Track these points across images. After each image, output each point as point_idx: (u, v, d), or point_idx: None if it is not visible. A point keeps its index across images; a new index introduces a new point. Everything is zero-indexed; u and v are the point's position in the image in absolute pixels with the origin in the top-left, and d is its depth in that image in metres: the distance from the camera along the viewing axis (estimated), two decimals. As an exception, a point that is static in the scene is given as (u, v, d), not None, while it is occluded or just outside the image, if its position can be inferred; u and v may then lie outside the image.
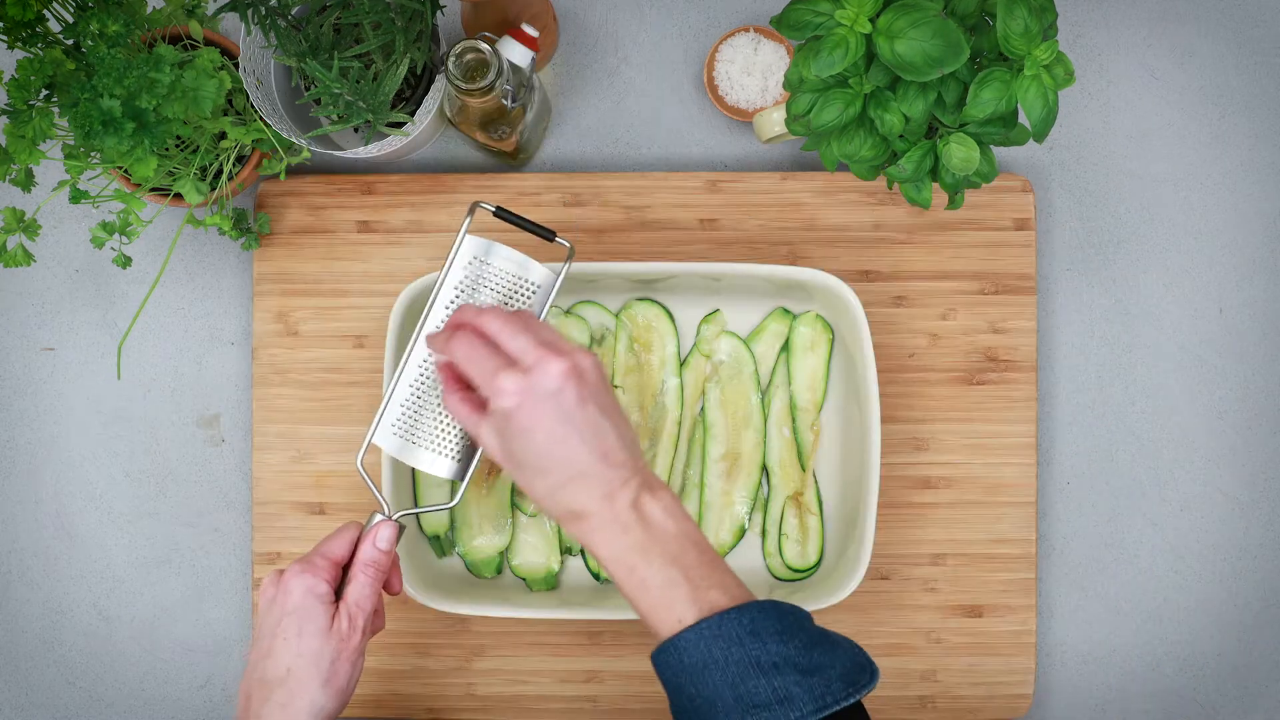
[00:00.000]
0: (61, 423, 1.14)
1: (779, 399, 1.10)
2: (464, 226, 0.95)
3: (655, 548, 0.86)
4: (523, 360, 0.87)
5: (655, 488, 0.88)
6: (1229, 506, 1.13)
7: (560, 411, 0.86)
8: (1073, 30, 1.14)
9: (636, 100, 1.14)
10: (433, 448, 0.96)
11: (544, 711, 1.11)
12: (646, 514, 0.87)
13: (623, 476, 0.87)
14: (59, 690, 1.14)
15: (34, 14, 0.92)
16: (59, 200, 1.14)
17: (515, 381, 0.86)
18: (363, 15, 0.99)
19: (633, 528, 0.86)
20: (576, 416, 0.86)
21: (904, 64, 0.83)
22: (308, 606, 0.91)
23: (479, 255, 0.96)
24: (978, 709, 1.11)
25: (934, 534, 1.11)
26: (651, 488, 0.88)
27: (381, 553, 0.94)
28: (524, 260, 0.96)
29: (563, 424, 0.86)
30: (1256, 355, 1.13)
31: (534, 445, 0.87)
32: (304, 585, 0.91)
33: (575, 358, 0.88)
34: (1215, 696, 1.13)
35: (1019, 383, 1.11)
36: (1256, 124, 1.13)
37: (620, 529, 0.86)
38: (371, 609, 0.93)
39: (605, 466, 0.87)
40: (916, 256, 1.11)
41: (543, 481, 0.87)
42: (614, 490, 0.87)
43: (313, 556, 0.93)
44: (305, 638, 0.91)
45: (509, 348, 0.88)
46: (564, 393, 0.86)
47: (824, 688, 0.82)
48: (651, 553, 0.86)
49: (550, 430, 0.86)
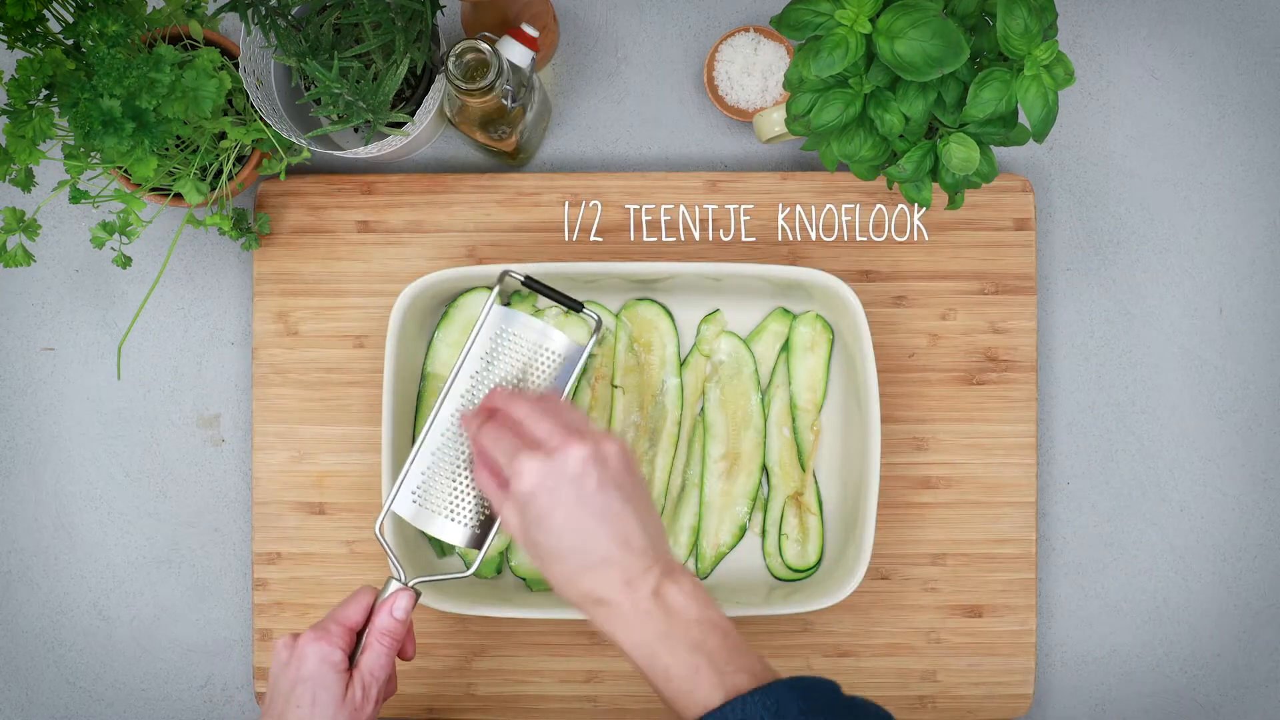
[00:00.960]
0: (61, 423, 1.14)
1: (779, 399, 1.10)
2: (492, 295, 0.98)
3: (678, 634, 0.84)
4: (546, 444, 0.87)
5: (676, 574, 0.87)
6: (1229, 506, 1.13)
7: (580, 497, 0.86)
8: (1073, 30, 1.14)
9: (636, 100, 1.14)
10: (450, 515, 0.98)
11: (544, 711, 1.11)
12: (668, 601, 0.85)
13: (644, 564, 0.86)
14: (59, 690, 1.14)
15: (34, 14, 0.92)
16: (59, 200, 1.14)
17: (536, 464, 0.86)
18: (363, 15, 0.99)
19: (654, 615, 0.85)
20: (596, 502, 0.86)
21: (904, 64, 0.83)
22: (322, 675, 0.91)
23: (503, 324, 0.98)
24: (978, 709, 1.11)
25: (934, 534, 1.11)
26: (673, 574, 0.86)
27: (398, 622, 0.94)
28: (544, 328, 0.98)
29: (582, 509, 0.86)
30: (1256, 355, 1.13)
31: (553, 530, 0.86)
32: (319, 653, 0.91)
33: (599, 443, 0.87)
34: (1215, 696, 1.13)
35: (1019, 383, 1.11)
36: (1256, 124, 1.13)
37: (642, 616, 0.85)
38: (385, 678, 0.93)
39: (626, 553, 0.86)
40: (916, 256, 1.11)
41: (561, 567, 0.87)
42: (634, 577, 0.85)
43: (327, 623, 0.93)
44: (319, 707, 0.90)
45: (534, 432, 0.88)
46: (585, 478, 0.86)
47: None
48: (674, 640, 0.84)
49: (569, 515, 0.86)
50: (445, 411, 0.98)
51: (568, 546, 0.86)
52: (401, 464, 1.07)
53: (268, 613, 1.11)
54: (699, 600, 0.86)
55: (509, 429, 0.90)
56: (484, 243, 1.12)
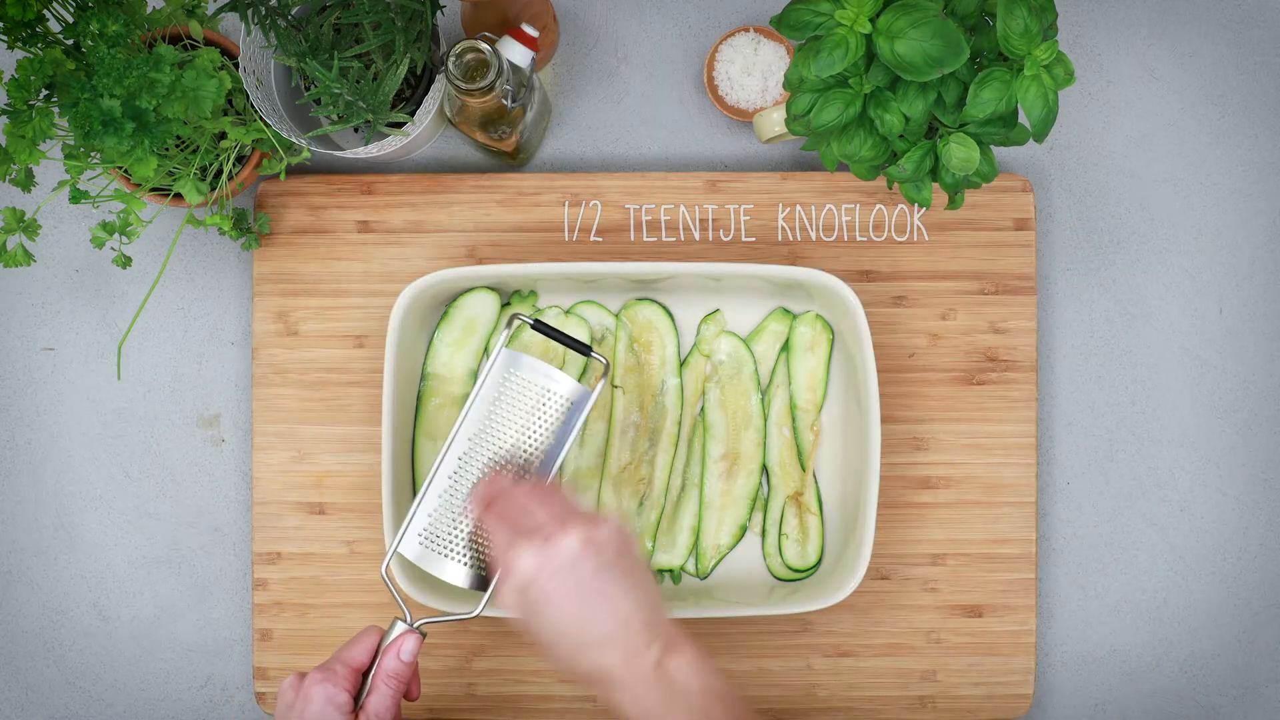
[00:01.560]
0: (61, 423, 1.14)
1: (779, 399, 1.10)
2: (502, 341, 0.98)
3: (679, 706, 0.86)
4: (542, 531, 0.89)
5: (679, 646, 0.88)
6: (1229, 506, 1.13)
7: (577, 582, 0.87)
8: (1073, 30, 1.14)
9: (636, 100, 1.14)
10: (455, 557, 0.98)
11: (544, 711, 1.11)
12: (670, 674, 0.87)
13: (645, 639, 0.87)
14: (59, 690, 1.14)
15: (34, 14, 0.92)
16: (59, 200, 1.14)
17: (531, 552, 0.88)
18: (363, 15, 0.99)
19: (657, 688, 0.86)
20: (592, 586, 0.87)
21: (904, 64, 0.83)
22: (327, 717, 0.91)
23: (510, 367, 0.98)
24: (978, 709, 1.11)
25: (934, 534, 1.11)
26: (675, 647, 0.88)
27: (404, 665, 0.94)
28: (550, 372, 0.98)
29: (578, 594, 0.87)
30: (1256, 355, 1.13)
31: (550, 615, 0.87)
32: (325, 694, 0.91)
33: (593, 528, 0.88)
34: (1215, 696, 1.13)
35: (1019, 383, 1.11)
36: (1256, 124, 1.13)
37: (645, 689, 0.86)
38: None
39: (626, 632, 0.87)
40: (916, 256, 1.11)
41: (562, 648, 0.88)
42: (635, 653, 0.87)
43: (333, 664, 0.93)
44: None
45: (530, 520, 0.90)
46: (580, 563, 0.87)
47: None
48: (677, 711, 0.86)
49: (566, 600, 0.87)
50: (452, 455, 0.98)
51: (567, 630, 0.87)
52: (400, 470, 1.07)
53: (268, 613, 1.11)
54: (701, 671, 0.87)
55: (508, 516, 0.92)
56: (484, 243, 1.12)
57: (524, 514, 0.91)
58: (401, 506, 1.06)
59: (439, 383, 1.09)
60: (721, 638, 1.11)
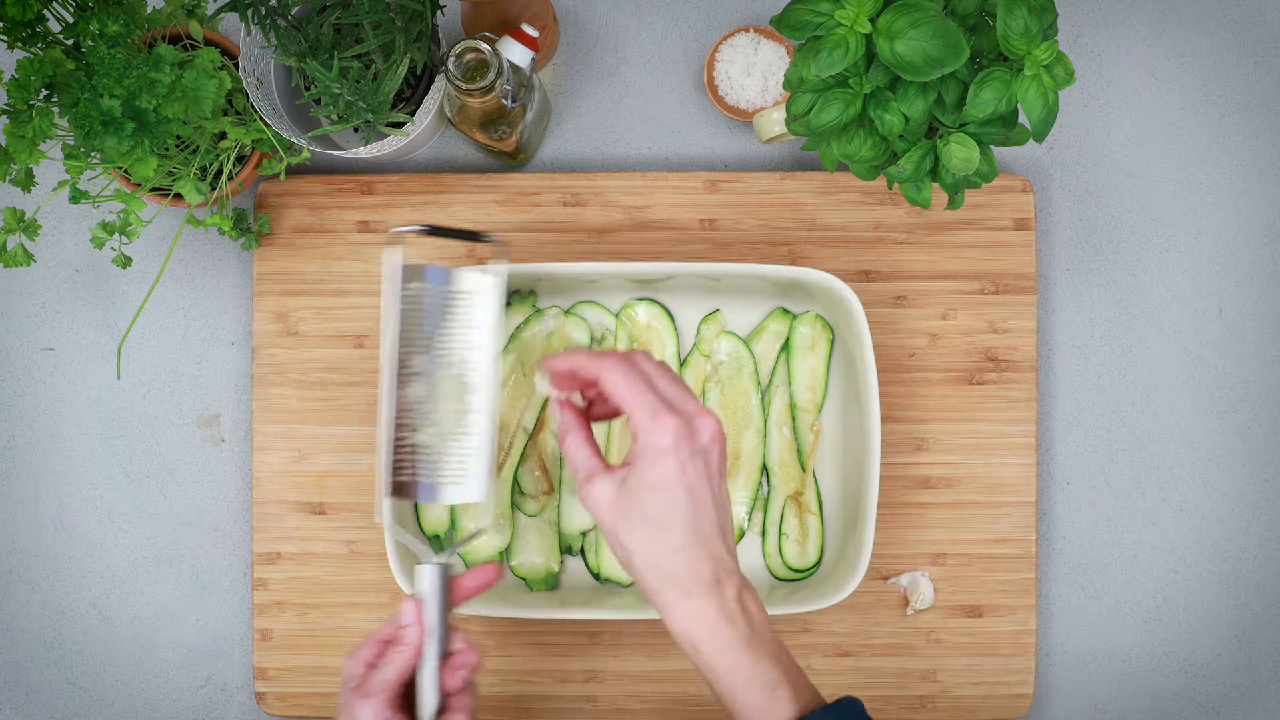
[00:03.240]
0: (61, 423, 1.14)
1: (779, 399, 1.10)
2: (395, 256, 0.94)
3: (758, 644, 0.83)
4: (681, 408, 0.84)
5: (749, 585, 0.85)
6: (1229, 506, 1.13)
7: (706, 470, 0.83)
8: (1073, 30, 1.14)
9: (636, 100, 1.14)
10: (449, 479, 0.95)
11: (544, 711, 1.11)
12: (749, 609, 0.83)
13: (730, 565, 0.84)
14: (59, 690, 1.14)
15: (34, 14, 0.92)
16: (59, 200, 1.14)
17: (678, 426, 0.83)
18: (363, 15, 0.99)
19: (739, 621, 0.83)
20: (716, 481, 0.84)
21: (904, 64, 0.83)
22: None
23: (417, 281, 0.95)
24: (978, 709, 1.11)
25: (934, 534, 1.11)
26: (749, 585, 0.85)
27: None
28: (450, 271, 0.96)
29: (705, 484, 0.83)
30: (1256, 355, 1.13)
31: (668, 498, 0.83)
32: None
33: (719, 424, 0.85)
34: (1215, 696, 1.13)
35: (1019, 383, 1.11)
36: (1256, 124, 1.13)
37: (726, 620, 0.82)
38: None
39: (722, 546, 0.84)
40: (916, 256, 1.11)
41: (658, 541, 0.83)
42: (722, 577, 0.83)
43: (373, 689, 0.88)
44: None
45: (663, 392, 0.85)
46: (712, 451, 0.84)
47: None
48: (757, 649, 0.82)
49: (693, 485, 0.83)
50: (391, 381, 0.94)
51: (677, 521, 0.82)
52: None
53: (268, 613, 1.11)
54: (765, 613, 0.85)
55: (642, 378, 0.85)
56: (484, 243, 1.12)
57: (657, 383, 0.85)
58: (403, 506, 1.06)
59: (439, 383, 1.09)
60: (721, 638, 1.11)
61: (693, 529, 0.83)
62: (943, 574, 1.11)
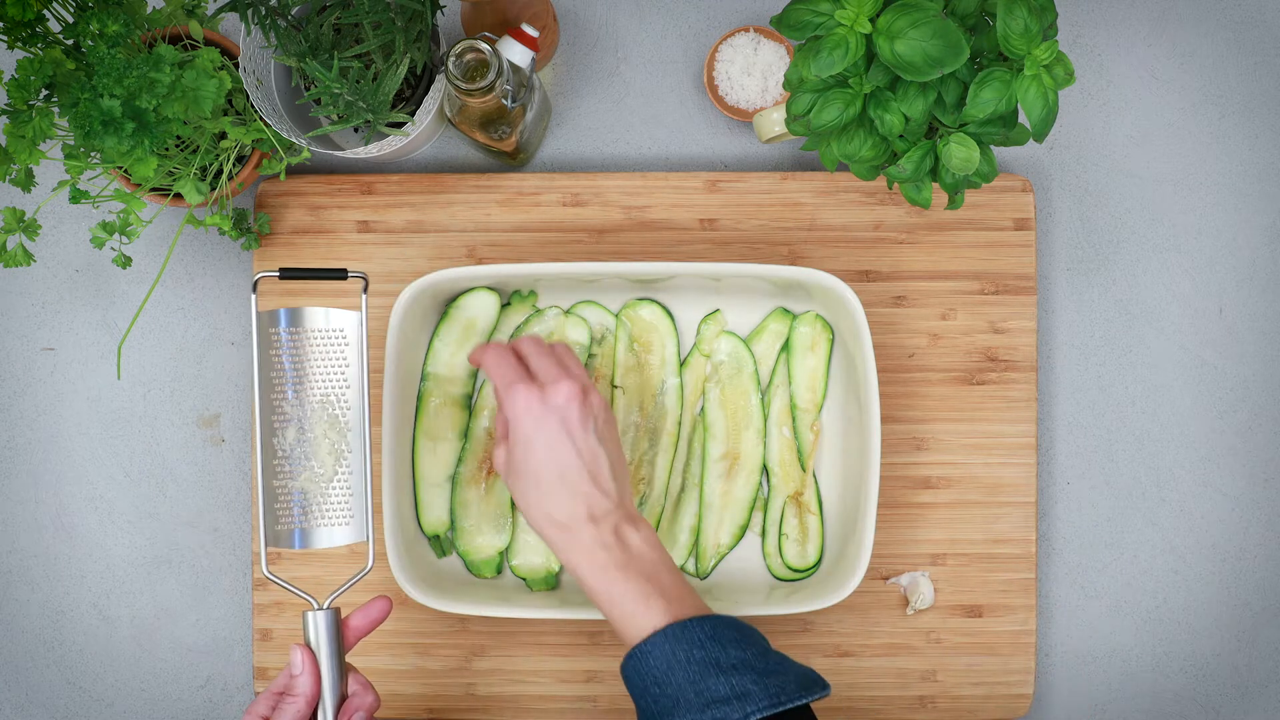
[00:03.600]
0: (61, 423, 1.14)
1: (779, 399, 1.10)
2: (253, 305, 0.94)
3: (632, 566, 0.92)
4: (541, 377, 0.96)
5: (637, 522, 0.95)
6: (1229, 506, 1.13)
7: (563, 426, 0.94)
8: (1073, 30, 1.14)
9: (636, 100, 1.14)
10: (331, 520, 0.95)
11: (544, 711, 1.11)
12: (626, 539, 0.94)
13: (607, 505, 0.94)
14: (59, 690, 1.14)
15: (34, 14, 0.92)
16: (59, 200, 1.14)
17: (528, 391, 0.95)
18: (363, 15, 0.99)
19: (612, 548, 0.93)
20: (576, 435, 0.95)
21: (904, 64, 0.83)
22: None
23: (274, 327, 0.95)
24: (978, 709, 1.11)
25: (934, 534, 1.11)
26: (634, 521, 0.95)
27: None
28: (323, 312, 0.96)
29: (562, 438, 0.94)
30: (1256, 355, 1.13)
31: (533, 454, 0.94)
32: None
33: (587, 388, 0.96)
34: (1215, 696, 1.13)
35: (1019, 383, 1.11)
36: (1256, 124, 1.13)
37: (600, 547, 0.93)
38: None
39: (593, 488, 0.94)
40: (916, 256, 1.11)
41: (535, 491, 0.95)
42: (597, 514, 0.94)
43: None
44: None
45: (532, 366, 0.97)
46: (568, 411, 0.94)
47: (779, 687, 0.88)
48: (629, 569, 0.92)
49: (549, 441, 0.94)
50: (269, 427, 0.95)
51: (545, 471, 0.94)
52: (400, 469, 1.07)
53: (268, 613, 1.11)
54: (653, 545, 0.94)
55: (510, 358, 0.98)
56: (484, 243, 1.12)
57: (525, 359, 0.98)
58: (402, 507, 1.06)
59: (439, 383, 1.09)
60: (721, 638, 1.11)
61: (557, 476, 0.94)
62: (943, 574, 1.11)
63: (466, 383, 1.09)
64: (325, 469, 0.96)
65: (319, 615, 0.92)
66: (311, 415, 0.96)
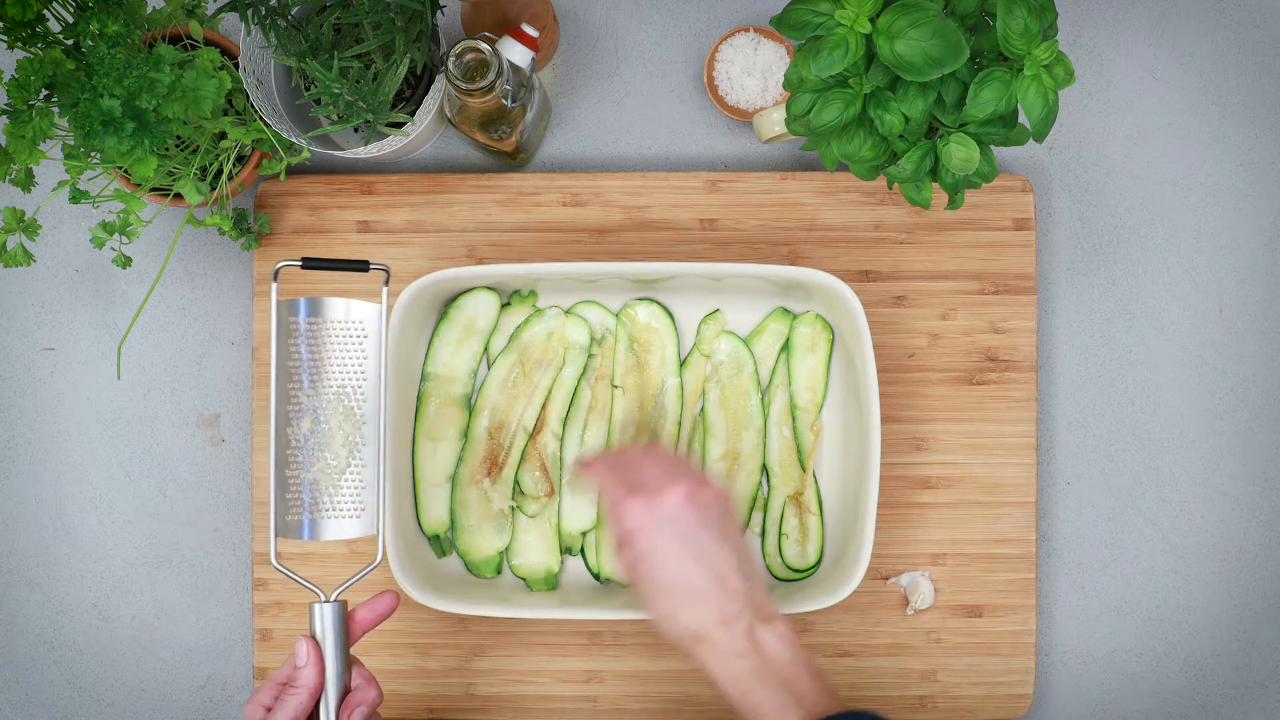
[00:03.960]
0: (61, 423, 1.14)
1: (779, 399, 1.10)
2: (273, 293, 0.94)
3: (768, 673, 0.89)
4: (648, 486, 0.93)
5: (772, 618, 0.91)
6: (1229, 506, 1.13)
7: (678, 535, 0.91)
8: (1073, 30, 1.14)
9: (636, 100, 1.14)
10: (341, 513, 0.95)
11: (544, 711, 1.11)
12: (761, 643, 0.90)
13: (737, 606, 0.90)
14: (59, 690, 1.14)
15: (34, 14, 0.92)
16: (59, 200, 1.14)
17: (637, 505, 0.92)
18: (363, 15, 0.99)
19: (748, 655, 0.89)
20: (693, 541, 0.91)
21: (904, 64, 0.83)
22: None
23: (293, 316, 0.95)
24: (978, 709, 1.11)
25: (934, 534, 1.11)
26: (768, 619, 0.91)
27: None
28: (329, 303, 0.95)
29: (680, 547, 0.91)
30: (1256, 355, 1.13)
31: (655, 567, 0.91)
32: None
33: (697, 486, 0.93)
34: (1215, 696, 1.13)
35: (1019, 383, 1.11)
36: (1256, 124, 1.13)
37: (735, 654, 0.89)
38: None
39: (721, 592, 0.90)
40: (916, 256, 1.11)
41: (662, 603, 0.91)
42: (730, 618, 0.90)
43: None
44: None
45: (638, 478, 0.94)
46: (682, 518, 0.92)
47: None
48: (764, 677, 0.89)
49: (668, 553, 0.91)
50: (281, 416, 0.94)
51: (668, 584, 0.91)
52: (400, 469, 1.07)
53: (268, 613, 1.11)
54: (791, 644, 0.90)
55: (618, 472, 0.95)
56: (484, 243, 1.12)
57: (632, 470, 0.95)
58: (402, 507, 1.06)
59: (439, 383, 1.09)
60: (721, 638, 1.11)
61: (681, 588, 0.91)
62: (943, 574, 1.11)
63: (466, 383, 1.09)
64: (338, 461, 0.95)
65: (326, 607, 0.92)
66: (327, 407, 0.95)
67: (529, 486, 1.09)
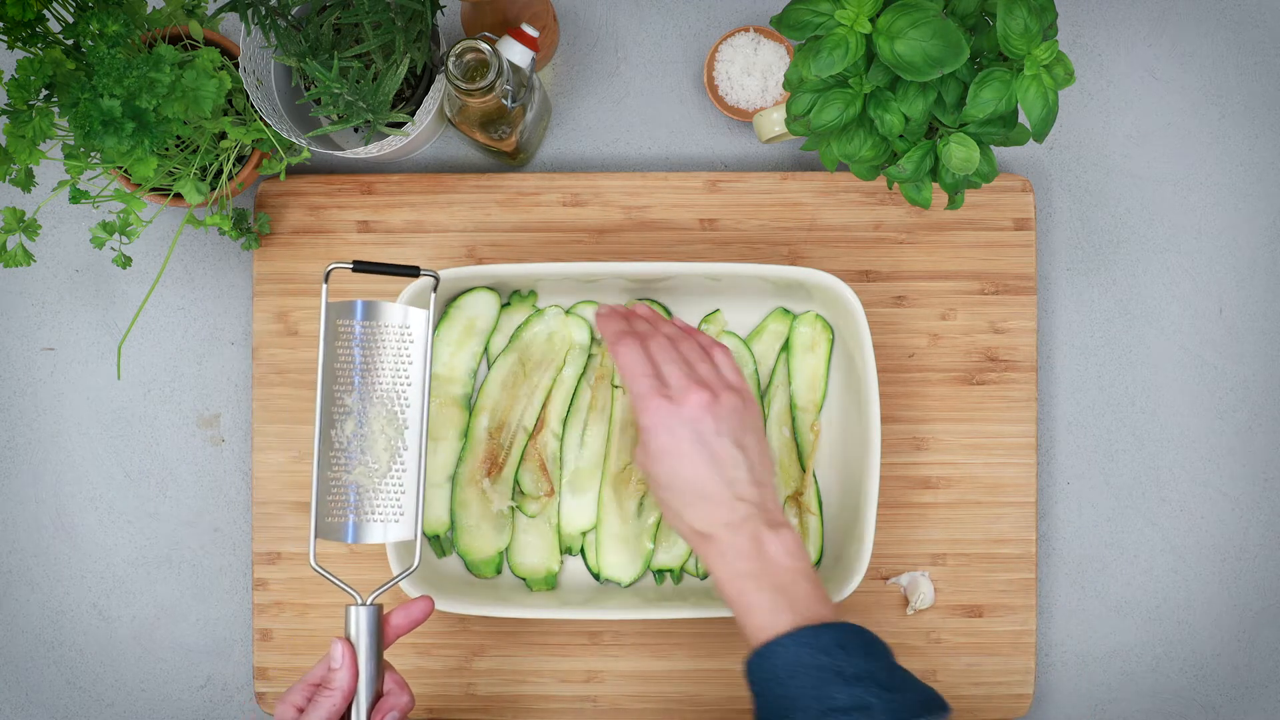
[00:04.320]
0: (61, 423, 1.14)
1: (779, 399, 1.10)
2: (324, 295, 0.94)
3: (767, 577, 0.91)
4: (672, 386, 0.96)
5: (777, 525, 0.93)
6: (1229, 506, 1.13)
7: (696, 438, 0.94)
8: (1073, 30, 1.14)
9: (636, 100, 1.14)
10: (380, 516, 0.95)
11: (544, 711, 1.11)
12: (765, 548, 0.92)
13: (745, 510, 0.93)
14: (59, 690, 1.14)
15: (34, 14, 0.92)
16: (59, 200, 1.14)
17: (660, 405, 0.95)
18: (363, 15, 0.99)
19: (750, 557, 0.92)
20: (711, 444, 0.94)
21: (904, 64, 0.83)
22: None
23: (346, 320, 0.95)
24: (978, 709, 1.11)
25: (934, 534, 1.11)
26: (775, 526, 0.93)
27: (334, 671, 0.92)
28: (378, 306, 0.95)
29: (696, 448, 0.94)
30: (1256, 355, 1.13)
31: (670, 466, 0.94)
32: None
33: (719, 393, 0.95)
34: (1215, 696, 1.13)
35: (1019, 383, 1.11)
36: (1256, 124, 1.13)
37: (737, 556, 0.92)
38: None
39: (730, 495, 0.93)
40: (916, 256, 1.11)
41: (676, 501, 0.95)
42: (736, 521, 0.93)
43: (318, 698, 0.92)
44: None
45: (664, 373, 0.96)
46: (701, 422, 0.94)
47: (900, 704, 0.86)
48: (762, 580, 0.91)
49: (685, 452, 0.94)
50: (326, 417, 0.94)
51: (682, 483, 0.94)
52: None
53: (268, 613, 1.11)
54: (793, 554, 0.92)
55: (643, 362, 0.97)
56: (484, 243, 1.12)
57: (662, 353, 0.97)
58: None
59: (439, 383, 1.09)
60: (723, 638, 1.11)
61: (694, 488, 0.94)
62: (943, 574, 1.11)
63: (466, 383, 1.09)
64: (380, 465, 0.95)
65: (362, 610, 0.92)
66: (371, 410, 0.95)
67: (529, 486, 1.09)
